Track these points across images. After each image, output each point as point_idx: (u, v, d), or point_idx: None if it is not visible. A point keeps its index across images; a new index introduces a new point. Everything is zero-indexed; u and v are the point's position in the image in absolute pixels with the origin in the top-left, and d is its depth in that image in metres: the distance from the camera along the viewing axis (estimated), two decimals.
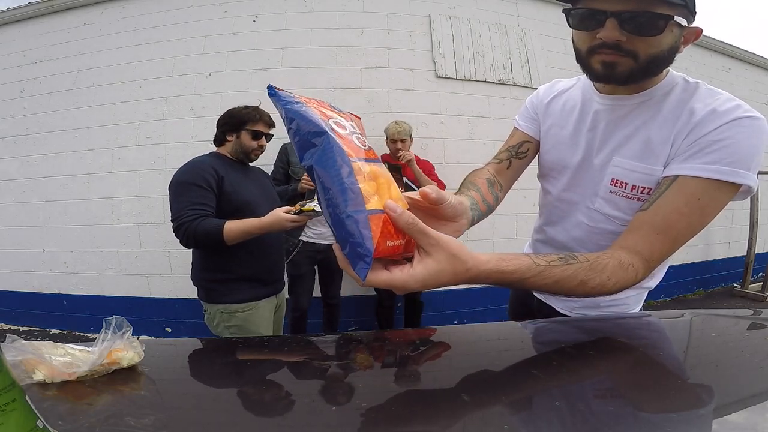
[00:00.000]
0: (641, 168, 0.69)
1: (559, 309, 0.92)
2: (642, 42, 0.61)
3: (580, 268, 0.57)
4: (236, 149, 1.49)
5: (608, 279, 0.59)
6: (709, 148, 0.61)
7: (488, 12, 3.18)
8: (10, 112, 3.15)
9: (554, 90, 0.88)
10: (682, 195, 0.62)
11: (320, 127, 0.40)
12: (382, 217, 0.39)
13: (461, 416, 0.40)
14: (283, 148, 2.22)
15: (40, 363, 0.46)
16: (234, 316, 1.39)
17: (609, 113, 0.73)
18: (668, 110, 0.67)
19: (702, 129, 0.62)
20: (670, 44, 0.63)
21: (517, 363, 0.57)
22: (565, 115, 0.83)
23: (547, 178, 0.90)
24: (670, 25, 0.60)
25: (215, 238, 1.28)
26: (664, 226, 0.63)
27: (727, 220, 4.26)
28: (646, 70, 0.64)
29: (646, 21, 0.59)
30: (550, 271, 0.55)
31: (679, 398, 0.44)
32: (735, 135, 0.60)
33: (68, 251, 3.00)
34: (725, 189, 0.61)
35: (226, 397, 0.50)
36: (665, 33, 0.61)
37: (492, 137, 2.99)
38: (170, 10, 2.99)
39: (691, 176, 0.61)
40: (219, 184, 1.36)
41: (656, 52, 0.63)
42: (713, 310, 0.93)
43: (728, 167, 0.59)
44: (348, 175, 0.38)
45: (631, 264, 0.61)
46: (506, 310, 1.16)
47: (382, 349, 0.66)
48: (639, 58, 0.62)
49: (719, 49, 4.31)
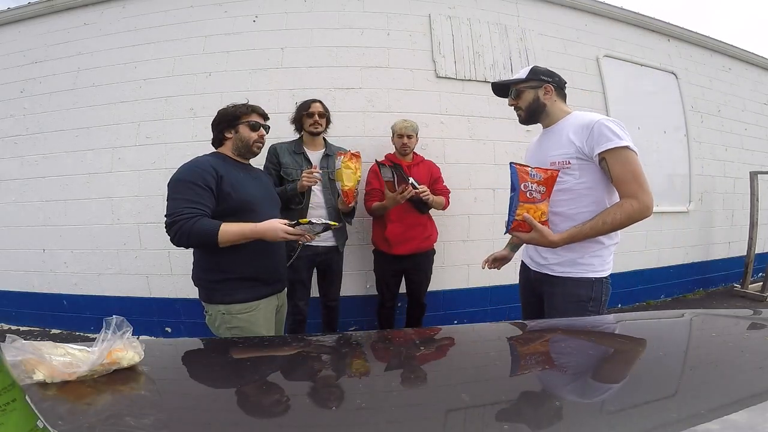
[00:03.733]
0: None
1: (550, 272, 1.34)
2: (520, 101, 1.40)
3: (599, 216, 1.20)
4: (237, 145, 1.48)
5: (615, 213, 1.18)
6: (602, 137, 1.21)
7: (488, 12, 3.18)
8: (10, 112, 3.14)
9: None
10: (617, 162, 1.19)
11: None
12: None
13: (461, 416, 0.40)
14: (272, 149, 2.14)
15: (40, 363, 0.46)
16: (236, 317, 1.38)
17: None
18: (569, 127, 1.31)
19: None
20: (532, 98, 1.38)
21: (517, 363, 0.57)
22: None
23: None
24: (524, 90, 1.39)
25: (210, 239, 1.27)
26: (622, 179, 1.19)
27: (727, 220, 4.26)
28: (530, 112, 1.41)
29: (515, 91, 1.41)
30: (585, 224, 1.21)
31: (679, 398, 0.44)
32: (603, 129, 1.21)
33: (68, 251, 3.00)
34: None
35: (226, 397, 0.50)
36: (525, 94, 1.39)
37: (492, 137, 2.99)
38: (170, 10, 2.98)
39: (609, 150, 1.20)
40: (218, 183, 1.35)
41: (527, 104, 1.39)
42: (713, 310, 0.93)
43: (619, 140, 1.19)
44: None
45: (623, 202, 1.18)
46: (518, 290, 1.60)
47: (382, 349, 0.66)
48: (523, 108, 1.41)
49: (719, 49, 4.31)
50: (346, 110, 2.81)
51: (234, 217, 1.35)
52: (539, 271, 1.39)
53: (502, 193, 3.00)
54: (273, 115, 1.76)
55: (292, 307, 2.15)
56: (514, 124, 3.29)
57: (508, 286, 2.88)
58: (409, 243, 2.29)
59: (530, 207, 1.22)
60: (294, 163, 2.11)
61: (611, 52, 3.58)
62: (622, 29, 3.71)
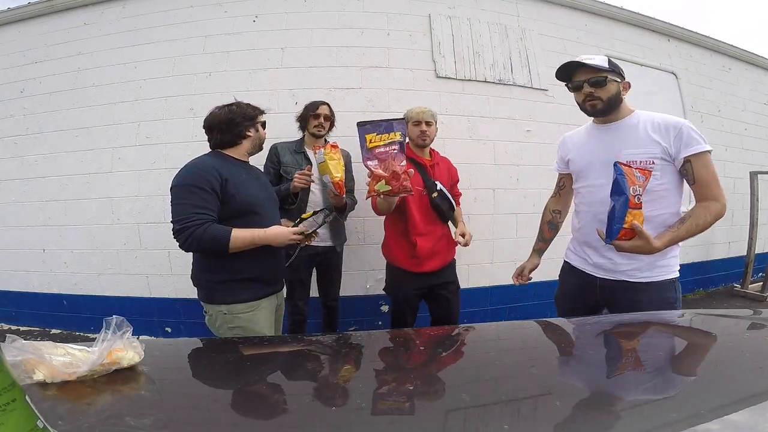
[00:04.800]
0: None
1: (629, 278, 1.28)
2: (602, 91, 1.26)
3: (691, 219, 1.19)
4: (255, 143, 1.52)
5: (705, 216, 1.18)
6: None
7: (488, 12, 3.18)
8: (10, 112, 3.14)
9: (564, 136, 1.55)
10: (702, 165, 1.20)
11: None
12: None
13: (462, 416, 0.40)
14: (273, 148, 2.15)
15: (40, 363, 0.45)
16: (237, 317, 1.38)
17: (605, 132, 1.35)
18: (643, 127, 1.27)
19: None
20: (615, 90, 1.27)
21: (517, 362, 0.57)
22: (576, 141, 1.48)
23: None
24: (609, 81, 1.25)
25: (222, 246, 1.29)
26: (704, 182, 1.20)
27: (727, 220, 4.25)
28: (609, 105, 1.27)
29: (599, 80, 1.25)
30: (680, 227, 1.18)
31: (678, 398, 0.44)
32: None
33: (68, 251, 3.00)
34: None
35: (226, 397, 0.50)
36: (609, 85, 1.25)
37: (492, 137, 2.99)
38: (170, 10, 2.98)
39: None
40: (222, 186, 1.34)
41: (610, 96, 1.26)
42: (713, 310, 0.93)
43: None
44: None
45: (709, 205, 1.19)
46: (554, 304, 1.56)
47: (382, 349, 0.66)
48: (603, 100, 1.27)
49: (719, 49, 4.31)
50: (346, 110, 2.81)
51: (238, 219, 1.36)
52: (610, 278, 1.31)
53: (501, 193, 3.00)
54: (273, 115, 1.76)
55: (291, 307, 2.15)
56: (514, 124, 3.32)
57: (508, 286, 2.88)
58: (438, 256, 1.93)
59: (637, 213, 1.11)
60: (294, 162, 2.12)
61: (611, 52, 3.58)
62: (622, 29, 3.71)
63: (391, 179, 1.42)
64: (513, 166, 3.02)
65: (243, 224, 1.35)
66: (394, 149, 1.44)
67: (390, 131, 1.44)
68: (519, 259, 1.70)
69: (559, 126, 3.02)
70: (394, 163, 1.42)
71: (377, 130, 1.44)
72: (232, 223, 1.34)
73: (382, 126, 1.45)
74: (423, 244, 1.86)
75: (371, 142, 1.44)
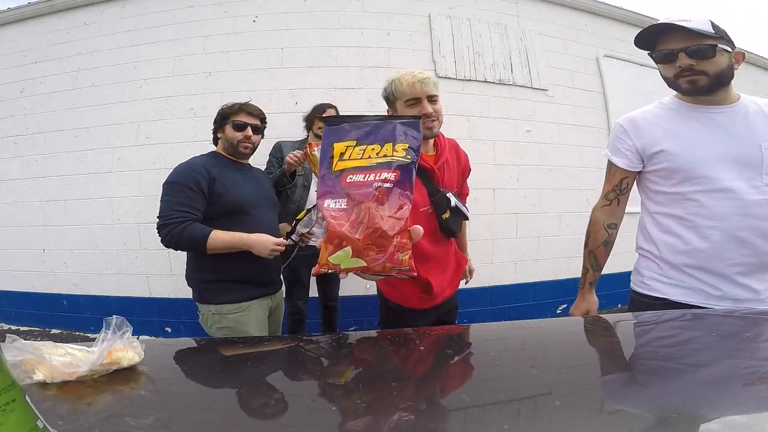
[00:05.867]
0: None
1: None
2: (707, 63, 0.94)
3: None
4: (225, 145, 1.50)
5: None
6: None
7: (488, 12, 3.18)
8: (10, 112, 3.14)
9: (632, 118, 1.16)
10: None
11: None
12: None
13: (461, 416, 0.40)
14: (278, 144, 2.22)
15: (40, 363, 0.46)
16: (225, 317, 1.38)
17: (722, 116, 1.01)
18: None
19: None
20: (726, 63, 0.96)
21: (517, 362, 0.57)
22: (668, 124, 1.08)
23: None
24: (719, 51, 0.93)
25: (198, 245, 1.31)
26: None
27: None
28: (717, 82, 0.96)
29: (701, 49, 0.93)
30: None
31: (678, 397, 0.44)
32: None
33: (68, 251, 3.00)
34: None
35: (226, 397, 0.50)
36: (718, 56, 0.94)
37: (492, 137, 2.99)
38: (170, 10, 2.98)
39: None
40: (210, 185, 1.36)
41: (719, 70, 0.95)
42: (713, 309, 0.93)
43: None
44: None
45: None
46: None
47: (381, 349, 0.66)
48: (709, 75, 0.95)
49: None
50: (346, 110, 2.81)
51: (226, 219, 1.37)
52: (738, 310, 0.95)
53: (501, 194, 3.00)
54: (273, 115, 1.76)
55: (291, 307, 2.16)
56: (514, 124, 3.33)
57: (508, 285, 2.90)
58: (452, 284, 1.37)
59: None
60: None
61: (611, 52, 3.58)
62: (622, 29, 3.71)
63: (365, 247, 0.49)
64: (513, 166, 3.02)
65: (230, 223, 1.36)
66: (386, 179, 0.53)
67: (386, 141, 0.56)
68: (519, 259, 1.69)
69: (559, 126, 3.04)
70: (381, 210, 0.51)
71: (359, 133, 0.58)
72: (219, 221, 1.36)
73: (370, 129, 0.58)
74: (438, 281, 1.26)
75: (343, 157, 0.57)
